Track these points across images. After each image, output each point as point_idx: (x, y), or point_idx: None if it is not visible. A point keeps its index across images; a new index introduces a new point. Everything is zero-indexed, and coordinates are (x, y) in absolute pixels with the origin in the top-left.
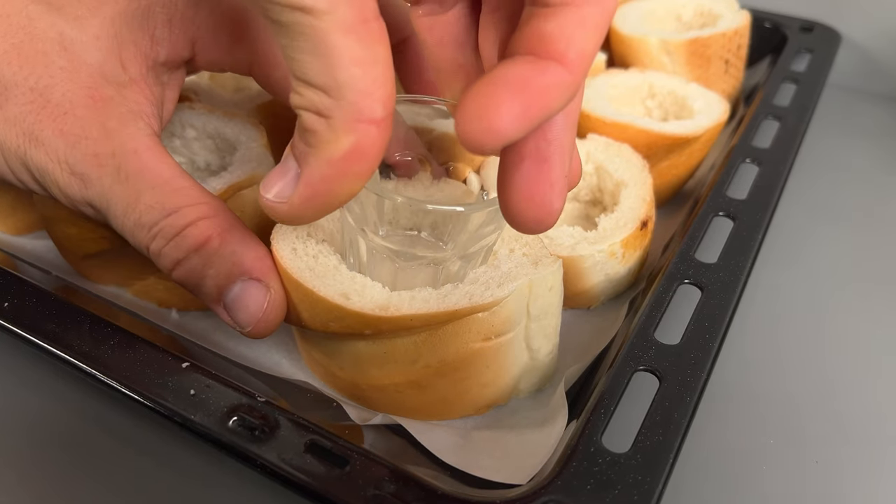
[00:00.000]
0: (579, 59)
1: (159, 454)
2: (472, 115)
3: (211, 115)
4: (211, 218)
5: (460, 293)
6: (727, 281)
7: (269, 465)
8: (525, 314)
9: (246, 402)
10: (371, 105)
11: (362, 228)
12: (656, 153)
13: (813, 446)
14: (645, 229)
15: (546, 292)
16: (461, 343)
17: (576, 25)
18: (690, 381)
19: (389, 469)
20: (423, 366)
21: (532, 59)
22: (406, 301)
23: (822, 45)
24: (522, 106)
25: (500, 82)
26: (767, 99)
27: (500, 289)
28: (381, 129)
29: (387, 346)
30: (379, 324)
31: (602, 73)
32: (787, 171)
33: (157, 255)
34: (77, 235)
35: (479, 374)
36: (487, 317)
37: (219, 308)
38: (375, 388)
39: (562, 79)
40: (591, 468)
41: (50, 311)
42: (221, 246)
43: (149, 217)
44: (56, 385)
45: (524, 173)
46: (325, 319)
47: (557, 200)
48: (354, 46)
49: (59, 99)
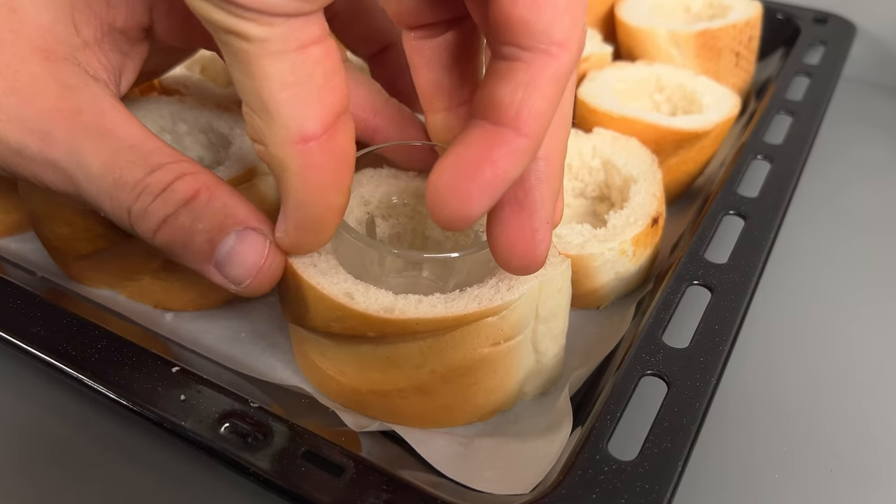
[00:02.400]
0: (533, 121)
1: (149, 462)
2: (439, 205)
3: (203, 108)
4: (196, 173)
5: (469, 297)
6: (738, 282)
7: (262, 473)
8: (534, 317)
9: (239, 408)
10: (300, 125)
11: (364, 266)
12: (665, 149)
13: (827, 454)
14: (656, 226)
15: (555, 294)
16: (469, 348)
17: (526, 86)
18: (700, 385)
19: (387, 477)
20: (429, 371)
21: (488, 127)
22: (413, 304)
23: (837, 37)
24: (481, 187)
25: (460, 165)
26: (780, 93)
27: (509, 292)
28: (322, 142)
29: (391, 351)
30: (383, 326)
31: (608, 66)
32: (800, 168)
33: (140, 216)
34: (70, 235)
35: (486, 380)
36: (497, 321)
37: (209, 267)
38: (377, 394)
39: (516, 146)
40: (596, 476)
41: (35, 313)
42: (211, 199)
43: (131, 174)
44: (42, 390)
45: (505, 220)
46: (327, 319)
47: (540, 247)
48: (286, 72)
49: (8, 59)
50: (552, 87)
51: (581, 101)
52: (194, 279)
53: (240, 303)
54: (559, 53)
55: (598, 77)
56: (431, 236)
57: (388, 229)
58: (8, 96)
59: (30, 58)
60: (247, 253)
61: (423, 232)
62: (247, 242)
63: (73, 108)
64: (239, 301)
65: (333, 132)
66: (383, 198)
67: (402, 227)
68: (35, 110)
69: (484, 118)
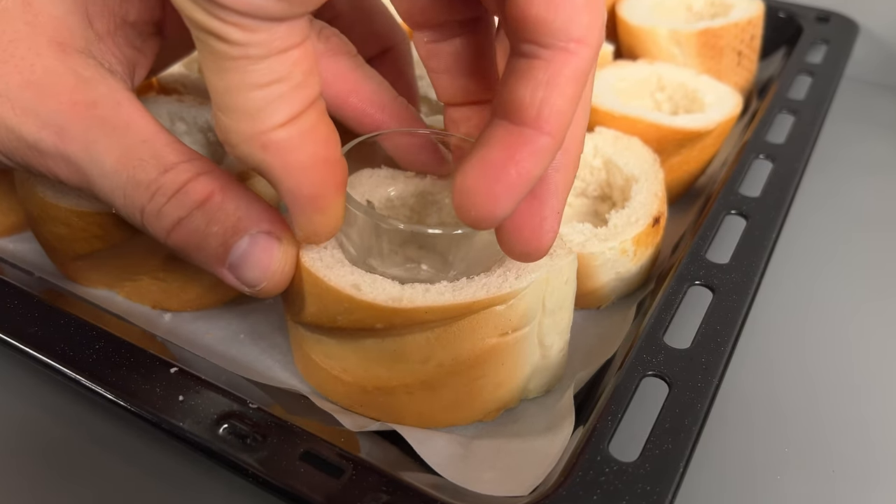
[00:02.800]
0: (555, 119)
1: (146, 463)
2: (465, 207)
3: (202, 107)
4: (210, 173)
5: (477, 285)
6: (739, 282)
7: (260, 474)
8: (541, 308)
9: (237, 409)
10: (267, 117)
11: (365, 261)
12: (666, 148)
13: (830, 455)
14: (657, 226)
15: (562, 285)
16: (477, 339)
17: (546, 85)
18: (701, 386)
19: (386, 478)
20: (436, 364)
21: (510, 127)
22: (420, 293)
23: (839, 36)
24: (507, 188)
25: (485, 167)
26: (782, 92)
27: (518, 280)
28: (291, 127)
29: (397, 345)
30: (392, 317)
31: (609, 65)
32: (802, 168)
33: (154, 216)
34: (68, 235)
35: (495, 373)
36: (505, 310)
37: (222, 269)
38: (383, 392)
39: (539, 146)
40: (597, 477)
41: (32, 313)
42: (224, 201)
43: (145, 173)
44: (39, 391)
45: None
46: (334, 312)
47: (547, 235)
48: (262, 74)
49: (24, 52)
50: (572, 85)
51: None
52: (193, 279)
53: (238, 304)
54: (578, 50)
55: (600, 76)
56: None
57: None
58: (23, 90)
59: (46, 50)
60: (260, 256)
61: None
62: (260, 245)
63: (89, 102)
64: (237, 302)
65: (299, 115)
66: (382, 198)
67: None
68: (51, 104)
69: (505, 117)
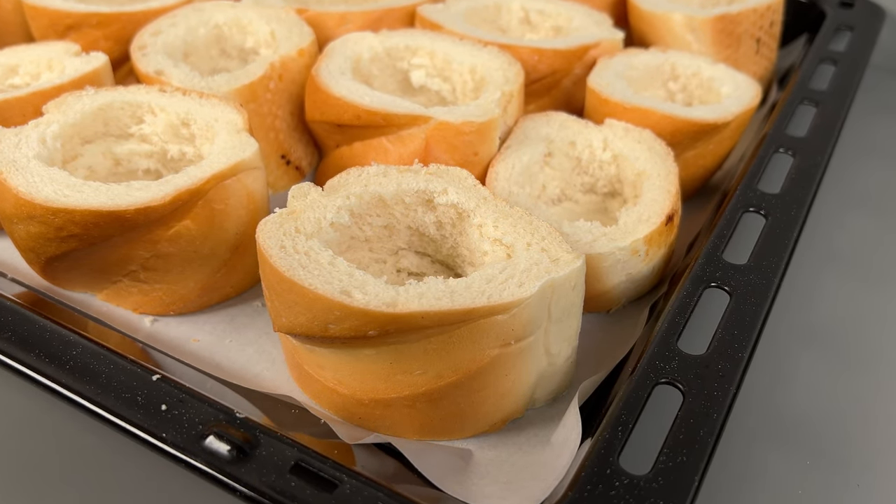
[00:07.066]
0: None
1: (127, 476)
2: None
3: (184, 97)
4: None
5: (476, 291)
6: (759, 284)
7: (248, 488)
8: (546, 316)
9: (223, 419)
10: None
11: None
12: (681, 141)
13: (854, 468)
14: (671, 224)
15: (569, 291)
16: (478, 349)
17: None
18: (717, 395)
19: (384, 493)
20: (436, 376)
21: None
22: (415, 297)
23: (864, 23)
24: None
25: None
26: (803, 82)
27: (520, 288)
28: None
29: (394, 355)
30: (385, 322)
31: (620, 53)
32: (825, 162)
33: None
34: (39, 234)
35: (497, 384)
36: (507, 320)
37: None
38: (381, 404)
39: None
40: (606, 492)
41: (5, 318)
42: None
43: None
44: (13, 399)
45: None
46: (325, 322)
47: None
48: None
49: None
50: None
51: (591, 90)
52: (177, 281)
53: (225, 307)
54: None
55: (610, 64)
56: (427, 233)
57: (380, 223)
58: None
59: None
60: None
61: (417, 229)
62: None
63: None
64: (224, 305)
65: None
66: (373, 197)
67: (396, 221)
68: None
69: None
